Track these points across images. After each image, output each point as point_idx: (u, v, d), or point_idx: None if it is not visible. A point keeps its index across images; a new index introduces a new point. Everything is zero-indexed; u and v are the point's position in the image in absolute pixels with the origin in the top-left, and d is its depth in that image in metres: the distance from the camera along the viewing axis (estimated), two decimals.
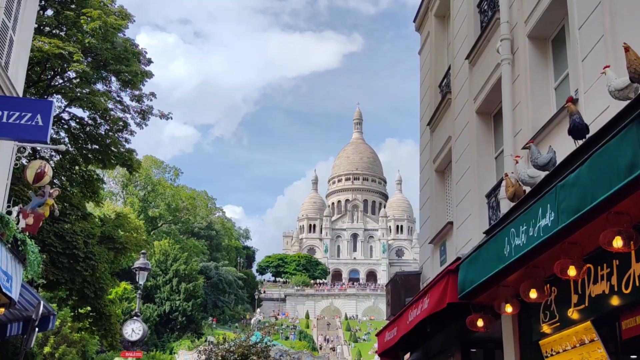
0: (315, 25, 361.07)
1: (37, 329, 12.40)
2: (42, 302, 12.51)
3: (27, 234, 12.36)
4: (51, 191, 13.26)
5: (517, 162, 7.23)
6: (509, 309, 7.04)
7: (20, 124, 11.18)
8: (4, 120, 11.19)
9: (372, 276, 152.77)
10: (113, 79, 30.28)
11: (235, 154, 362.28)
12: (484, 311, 7.52)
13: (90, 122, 29.94)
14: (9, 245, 11.30)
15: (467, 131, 9.89)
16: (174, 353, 59.75)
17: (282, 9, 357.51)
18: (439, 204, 11.44)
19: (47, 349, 44.92)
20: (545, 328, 6.92)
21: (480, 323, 7.49)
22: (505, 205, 7.87)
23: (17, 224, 12.17)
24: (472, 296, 7.27)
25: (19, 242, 11.76)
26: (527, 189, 7.33)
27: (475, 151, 9.56)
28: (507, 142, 8.18)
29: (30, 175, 13.00)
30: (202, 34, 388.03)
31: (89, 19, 27.10)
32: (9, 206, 12.46)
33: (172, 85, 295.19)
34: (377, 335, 11.50)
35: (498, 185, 8.85)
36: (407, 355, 10.73)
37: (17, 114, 11.23)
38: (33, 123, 11.23)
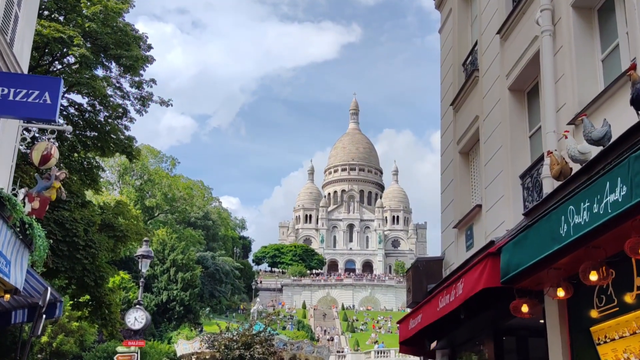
0: (313, 15, 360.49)
1: (44, 316, 11.94)
2: (49, 289, 12.04)
3: (34, 217, 11.90)
4: (58, 174, 12.77)
5: (566, 137, 6.76)
6: (560, 293, 6.60)
7: (28, 102, 10.68)
8: (10, 98, 10.68)
9: (368, 267, 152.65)
10: (113, 64, 29.75)
11: (233, 144, 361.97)
12: (529, 296, 7.08)
13: (89, 108, 29.45)
14: (17, 229, 10.83)
15: (498, 109, 9.44)
16: (172, 343, 59.31)
17: None
18: (464, 187, 10.99)
19: (44, 338, 44.56)
20: (598, 313, 6.50)
21: (525, 309, 7.05)
22: (549, 185, 7.43)
23: (24, 207, 11.72)
24: (515, 280, 6.83)
25: (26, 226, 11.26)
26: (575, 167, 6.88)
27: (508, 130, 9.10)
28: (548, 118, 7.72)
29: (36, 157, 12.50)
30: (200, 24, 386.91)
31: (88, 2, 26.57)
32: (14, 189, 11.96)
33: (169, 76, 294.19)
34: (398, 323, 11.08)
35: (535, 165, 8.41)
36: (434, 344, 10.32)
37: (24, 91, 10.72)
38: (41, 101, 10.73)
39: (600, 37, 7.66)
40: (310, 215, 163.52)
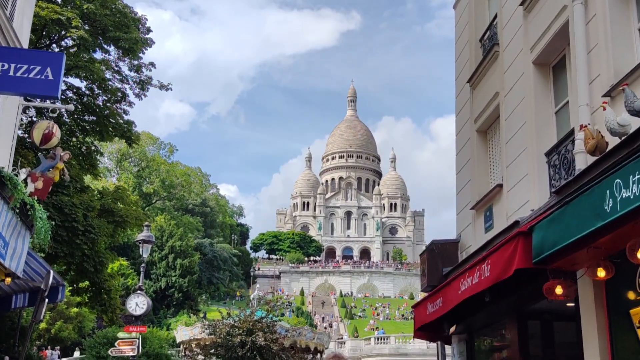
0: (312, 3, 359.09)
1: (46, 300, 11.56)
2: (51, 272, 11.66)
3: (36, 198, 11.51)
4: (62, 154, 12.37)
5: (604, 109, 6.37)
6: (601, 273, 6.22)
7: (29, 78, 10.24)
8: (11, 73, 10.24)
9: (365, 254, 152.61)
10: (112, 47, 29.31)
11: (231, 132, 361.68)
12: (563, 277, 6.70)
13: (87, 92, 29.04)
14: (18, 210, 10.42)
15: (522, 85, 9.04)
16: (171, 329, 59.08)
17: None
18: (482, 166, 10.60)
19: (43, 325, 44.30)
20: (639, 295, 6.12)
21: (559, 290, 6.66)
22: (582, 161, 7.03)
23: (26, 187, 11.33)
24: (549, 261, 6.45)
25: (28, 207, 10.85)
26: (611, 141, 6.50)
27: (532, 106, 8.70)
28: (581, 90, 7.32)
29: (37, 136, 12.09)
30: (199, 11, 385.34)
31: None
32: (14, 169, 11.56)
33: (168, 63, 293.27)
34: (413, 307, 10.72)
35: (563, 141, 8.02)
36: (453, 328, 9.96)
37: (25, 67, 10.28)
38: (42, 77, 10.29)
39: (636, 4, 7.26)
40: (308, 203, 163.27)
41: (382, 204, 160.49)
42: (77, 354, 44.55)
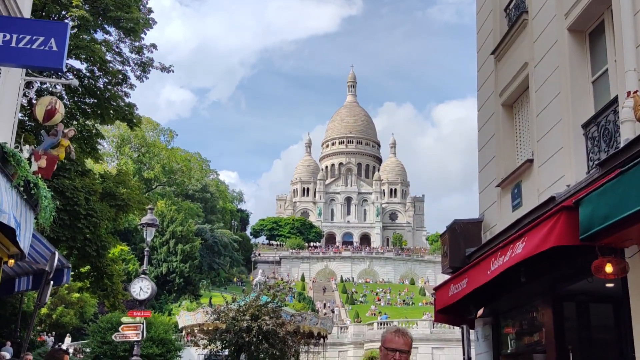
0: None
1: (51, 283, 11.09)
2: (56, 253, 11.19)
3: (40, 176, 11.02)
4: (66, 131, 11.86)
5: None
6: None
7: (32, 49, 9.67)
8: (13, 44, 9.67)
9: (365, 239, 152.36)
10: (112, 29, 28.75)
11: (232, 118, 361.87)
12: (613, 254, 6.21)
13: (88, 74, 28.51)
14: (22, 189, 9.92)
15: (555, 54, 8.52)
16: (173, 314, 58.79)
17: None
18: (508, 142, 10.09)
19: (44, 310, 43.98)
20: None
21: (609, 268, 6.18)
22: (629, 130, 6.53)
23: (30, 166, 10.85)
24: (597, 237, 5.97)
25: (31, 185, 10.34)
26: None
27: (567, 75, 8.19)
28: (627, 55, 6.80)
29: (39, 112, 11.58)
30: None
31: None
32: (16, 146, 11.05)
33: (168, 49, 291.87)
34: (435, 289, 10.25)
35: (604, 111, 7.52)
36: (481, 311, 9.51)
37: (28, 37, 9.71)
38: (46, 48, 9.71)
39: None
40: (308, 189, 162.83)
41: (382, 190, 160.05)
42: (68, 340, 44.23)
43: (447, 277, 10.58)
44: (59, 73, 11.72)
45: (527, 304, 8.84)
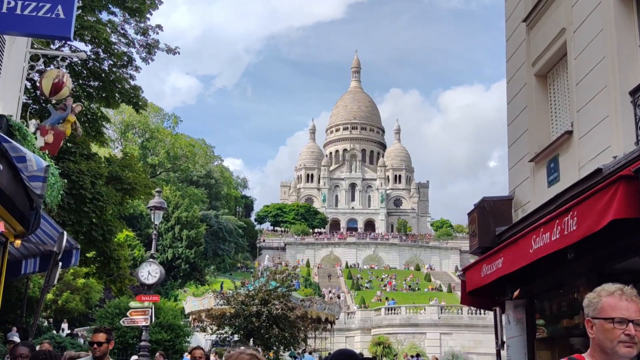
0: None
1: (60, 264, 10.60)
2: (64, 234, 10.70)
3: (47, 152, 10.52)
4: (73, 106, 11.35)
5: None
6: None
7: (38, 16, 9.11)
8: (18, 11, 9.11)
9: (370, 225, 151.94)
10: (117, 10, 28.15)
11: (238, 105, 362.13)
12: None
13: (92, 56, 27.92)
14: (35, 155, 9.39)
15: (597, 16, 7.95)
16: (179, 300, 58.54)
17: None
18: (541, 114, 9.51)
19: (50, 296, 43.59)
20: None
21: None
22: None
23: (36, 140, 10.35)
24: None
25: None
26: None
27: (612, 39, 7.61)
28: None
29: (46, 85, 11.05)
30: None
31: None
32: (22, 121, 10.53)
33: (174, 36, 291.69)
34: (464, 270, 9.72)
35: None
36: (517, 292, 8.98)
37: (34, 4, 9.14)
38: (53, 15, 9.14)
39: None
40: (312, 175, 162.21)
41: (387, 176, 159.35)
42: (65, 326, 43.94)
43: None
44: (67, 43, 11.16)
45: (566, 284, 8.31)
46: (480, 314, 50.84)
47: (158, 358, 18.49)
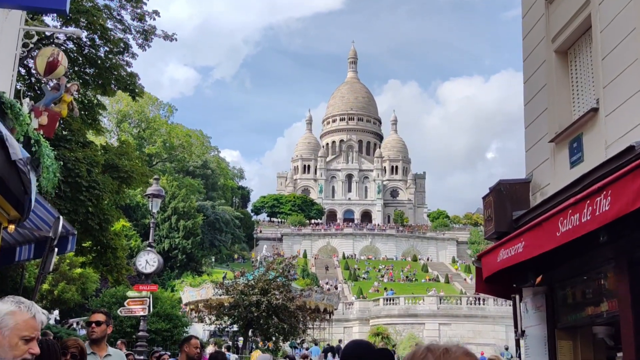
0: None
1: (55, 250, 10.11)
2: (60, 218, 10.20)
3: (42, 133, 10.00)
4: (69, 85, 10.85)
5: None
6: None
7: None
8: None
9: (367, 216, 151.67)
10: None
11: (236, 97, 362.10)
12: None
13: (88, 42, 27.38)
14: (22, 145, 8.84)
15: None
16: (176, 291, 58.14)
17: None
18: (562, 92, 9.02)
19: (45, 286, 43.14)
20: None
21: None
22: None
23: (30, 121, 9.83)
24: None
25: (33, 142, 9.28)
26: None
27: None
28: None
29: (40, 64, 10.55)
30: None
31: None
32: (15, 100, 10.03)
33: (172, 27, 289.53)
34: (479, 256, 9.27)
35: None
36: (540, 279, 8.54)
37: None
38: None
39: None
40: (309, 166, 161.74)
41: (383, 167, 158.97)
42: (56, 312, 43.60)
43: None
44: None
45: (591, 270, 7.86)
46: (479, 304, 50.56)
47: (120, 346, 17.75)
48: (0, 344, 3.28)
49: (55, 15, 25.87)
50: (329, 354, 36.51)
